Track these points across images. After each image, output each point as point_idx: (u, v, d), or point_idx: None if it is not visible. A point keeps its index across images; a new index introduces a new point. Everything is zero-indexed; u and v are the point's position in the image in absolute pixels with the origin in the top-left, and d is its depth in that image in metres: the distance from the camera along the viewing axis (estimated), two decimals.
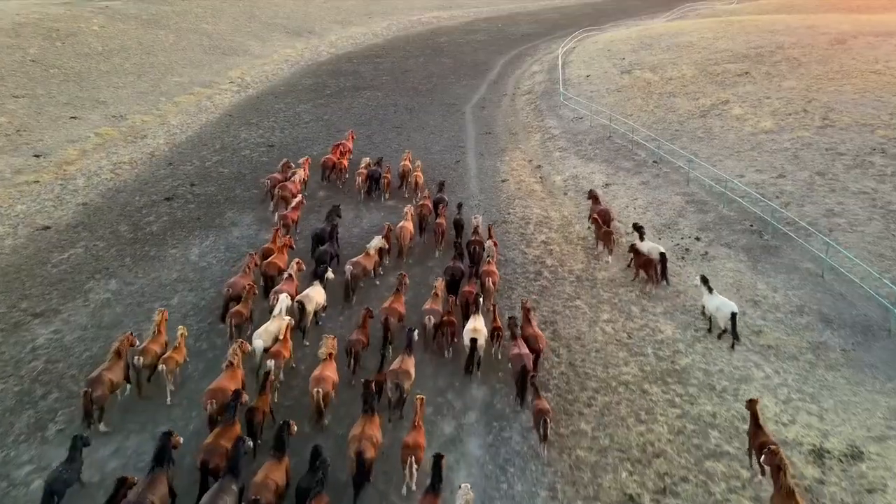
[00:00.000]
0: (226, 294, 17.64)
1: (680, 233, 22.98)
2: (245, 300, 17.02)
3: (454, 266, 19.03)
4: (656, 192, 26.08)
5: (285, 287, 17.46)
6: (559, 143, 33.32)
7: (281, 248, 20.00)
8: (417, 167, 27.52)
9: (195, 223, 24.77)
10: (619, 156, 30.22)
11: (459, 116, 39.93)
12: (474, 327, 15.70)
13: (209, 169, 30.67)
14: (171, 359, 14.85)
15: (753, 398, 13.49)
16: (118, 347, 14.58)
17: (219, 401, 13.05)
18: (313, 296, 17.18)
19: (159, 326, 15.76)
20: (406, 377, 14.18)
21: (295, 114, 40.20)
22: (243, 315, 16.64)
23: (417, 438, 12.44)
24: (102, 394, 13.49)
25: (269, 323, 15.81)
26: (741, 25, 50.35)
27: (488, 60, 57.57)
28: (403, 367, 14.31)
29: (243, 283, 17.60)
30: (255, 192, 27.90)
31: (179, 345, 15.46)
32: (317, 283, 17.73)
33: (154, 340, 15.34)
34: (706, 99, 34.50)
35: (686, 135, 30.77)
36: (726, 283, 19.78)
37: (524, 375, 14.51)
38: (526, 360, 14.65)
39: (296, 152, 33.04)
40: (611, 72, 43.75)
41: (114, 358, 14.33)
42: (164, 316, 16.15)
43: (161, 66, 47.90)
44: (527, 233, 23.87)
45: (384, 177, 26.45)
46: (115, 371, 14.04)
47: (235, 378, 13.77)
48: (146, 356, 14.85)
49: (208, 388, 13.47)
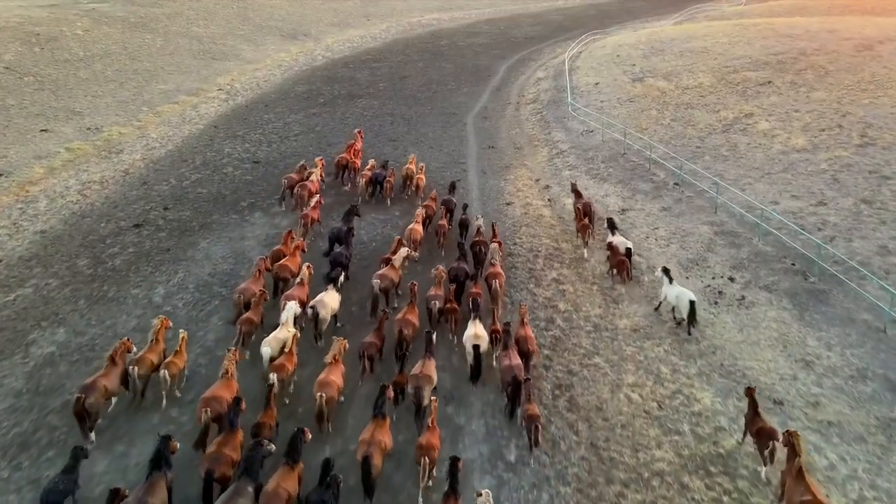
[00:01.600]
0: (237, 300, 17.06)
1: (710, 271, 20.06)
2: (255, 307, 16.50)
3: (458, 267, 18.46)
4: (680, 221, 23.15)
5: (296, 292, 16.97)
6: (568, 160, 30.39)
7: (293, 251, 19.35)
8: (420, 169, 26.93)
9: (164, 256, 21.90)
10: (636, 176, 27.28)
11: (460, 128, 37.01)
12: (475, 333, 15.24)
13: (186, 189, 27.77)
14: (171, 364, 14.31)
15: (751, 387, 13.66)
16: (113, 353, 14.07)
17: (213, 409, 12.71)
18: (328, 301, 16.56)
19: (158, 335, 15.07)
20: (427, 382, 13.77)
21: (285, 125, 37.28)
22: (253, 322, 16.09)
23: (431, 439, 12.20)
24: (96, 401, 13.05)
25: (277, 331, 15.32)
26: (757, 29, 47.34)
27: (490, 65, 54.60)
28: (425, 371, 13.92)
29: (254, 290, 17.04)
30: (235, 216, 25.05)
31: (180, 349, 14.79)
32: (330, 287, 17.19)
33: (151, 349, 14.69)
34: (728, 111, 31.54)
35: (708, 152, 27.81)
36: (770, 336, 16.87)
37: (516, 387, 13.96)
38: (517, 372, 14.08)
39: (282, 169, 30.17)
40: (621, 79, 40.76)
41: (109, 364, 13.85)
42: (165, 324, 15.48)
43: (146, 72, 44.99)
44: (536, 269, 20.96)
45: (387, 181, 25.57)
46: (110, 377, 13.58)
47: (230, 387, 13.43)
48: (142, 366, 14.22)
49: (202, 397, 13.10)
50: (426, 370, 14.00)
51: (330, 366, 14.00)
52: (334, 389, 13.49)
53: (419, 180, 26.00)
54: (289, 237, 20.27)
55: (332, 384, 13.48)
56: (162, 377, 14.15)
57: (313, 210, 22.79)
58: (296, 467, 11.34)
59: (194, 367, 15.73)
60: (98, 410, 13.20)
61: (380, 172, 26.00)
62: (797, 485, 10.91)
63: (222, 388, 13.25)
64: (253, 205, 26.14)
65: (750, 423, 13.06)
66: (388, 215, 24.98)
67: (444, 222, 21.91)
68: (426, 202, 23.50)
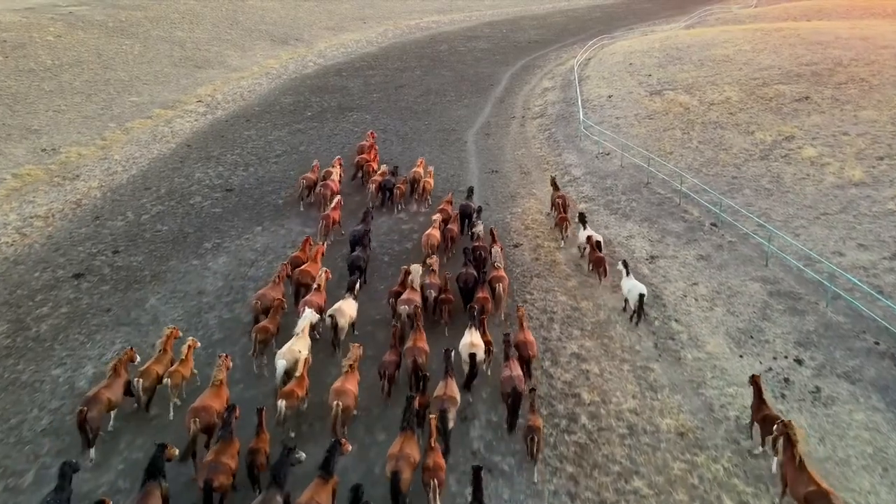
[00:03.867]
0: (254, 307, 16.35)
1: (770, 348, 15.96)
2: (272, 315, 15.77)
3: (467, 273, 17.59)
4: (723, 275, 19.04)
5: (313, 298, 16.36)
6: (583, 190, 26.26)
7: (314, 256, 18.69)
8: (429, 173, 26.04)
9: (102, 318, 17.86)
10: (664, 212, 23.16)
11: (460, 147, 32.91)
12: (472, 342, 14.52)
13: (144, 226, 23.70)
14: (176, 372, 13.80)
15: (755, 374, 13.33)
16: (116, 364, 13.57)
17: (202, 419, 12.28)
18: (345, 309, 15.88)
19: (165, 345, 14.48)
20: (452, 403, 12.96)
21: (266, 143, 33.18)
22: (269, 331, 15.35)
23: (436, 459, 11.53)
24: (98, 414, 12.59)
25: (292, 341, 14.54)
26: (781, 35, 43.13)
27: (493, 73, 50.42)
28: (448, 392, 13.09)
29: (273, 296, 16.34)
30: (195, 263, 21.02)
31: (186, 357, 14.26)
32: (348, 295, 16.57)
33: (157, 360, 14.12)
34: (763, 133, 27.41)
35: (748, 184, 23.70)
36: (862, 452, 12.79)
37: (515, 399, 13.37)
38: (517, 383, 13.39)
39: (257, 199, 26.18)
40: (637, 92, 36.60)
41: (112, 375, 13.35)
42: (174, 334, 14.87)
43: (119, 82, 40.85)
44: (551, 338, 16.89)
45: (397, 188, 24.44)
46: (113, 389, 13.09)
47: (220, 396, 12.91)
48: (147, 378, 13.63)
49: (191, 407, 12.55)
50: (449, 391, 13.10)
51: (346, 374, 13.44)
52: (350, 398, 12.94)
53: (426, 184, 25.07)
54: (307, 243, 19.68)
55: (348, 392, 12.93)
56: (166, 386, 13.64)
57: (334, 211, 21.98)
58: (330, 480, 10.86)
59: None
60: (99, 424, 12.67)
61: (390, 179, 24.79)
62: (800, 475, 10.74)
63: (211, 398, 12.68)
64: (218, 246, 22.10)
65: (755, 411, 12.89)
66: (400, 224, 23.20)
67: (455, 227, 21.20)
68: (441, 206, 22.64)
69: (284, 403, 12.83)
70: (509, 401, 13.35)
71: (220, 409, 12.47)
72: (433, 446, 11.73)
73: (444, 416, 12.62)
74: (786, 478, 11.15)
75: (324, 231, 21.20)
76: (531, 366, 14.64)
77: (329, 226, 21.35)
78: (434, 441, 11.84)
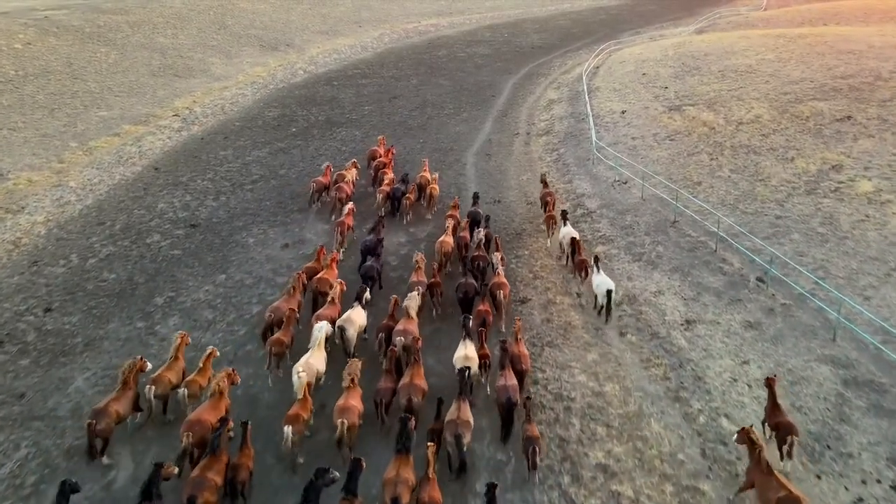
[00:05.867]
0: (268, 319, 15.78)
1: (855, 465, 12.21)
2: (286, 327, 15.21)
3: (466, 283, 17.10)
4: (780, 352, 15.29)
5: (327, 312, 15.86)
6: (599, 228, 22.50)
7: (330, 263, 18.23)
8: (434, 179, 24.88)
9: (11, 409, 14.19)
10: (698, 261, 19.40)
11: (458, 170, 29.16)
12: (465, 355, 13.95)
13: (88, 274, 20.02)
14: (193, 382, 13.38)
15: (771, 376, 12.81)
16: (126, 375, 13.06)
17: (196, 433, 11.85)
18: (355, 318, 15.51)
19: (177, 352, 14.04)
20: (466, 427, 12.03)
21: (242, 166, 29.45)
22: (283, 343, 14.80)
23: (433, 494, 10.75)
24: (107, 426, 12.24)
25: (309, 354, 13.99)
26: (806, 43, 39.32)
27: (494, 82, 46.59)
28: (462, 416, 12.14)
29: (286, 308, 15.74)
30: (140, 326, 17.34)
31: (205, 367, 13.74)
32: (357, 304, 16.08)
33: (169, 367, 13.70)
34: (805, 160, 23.66)
35: (795, 227, 19.95)
36: None
37: (510, 409, 12.81)
38: (512, 393, 12.84)
39: (224, 237, 22.51)
40: (653, 107, 32.82)
41: (122, 387, 12.90)
42: (185, 340, 14.45)
43: (88, 94, 37.11)
44: (569, 440, 13.19)
45: (406, 197, 23.32)
46: (122, 401, 12.67)
47: (218, 408, 12.42)
48: (159, 385, 13.26)
49: (186, 420, 12.19)
50: (463, 415, 12.28)
51: (348, 389, 12.93)
52: (355, 415, 12.45)
53: (433, 190, 24.02)
54: (321, 252, 19.10)
55: (352, 409, 12.46)
56: (181, 396, 13.28)
57: (347, 217, 21.40)
58: (354, 502, 10.49)
59: None
60: (109, 436, 12.42)
61: (399, 188, 23.67)
62: (768, 480, 10.46)
63: (208, 411, 12.29)
64: (171, 302, 18.42)
65: (770, 416, 12.41)
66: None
67: (466, 234, 20.38)
68: (450, 212, 21.80)
69: (291, 429, 12.13)
70: (503, 411, 12.94)
71: (216, 422, 11.97)
72: (430, 477, 11.04)
73: (460, 441, 11.84)
74: (752, 483, 10.91)
75: (339, 240, 20.59)
76: (524, 379, 14.13)
77: (344, 233, 20.78)
78: (432, 472, 11.16)
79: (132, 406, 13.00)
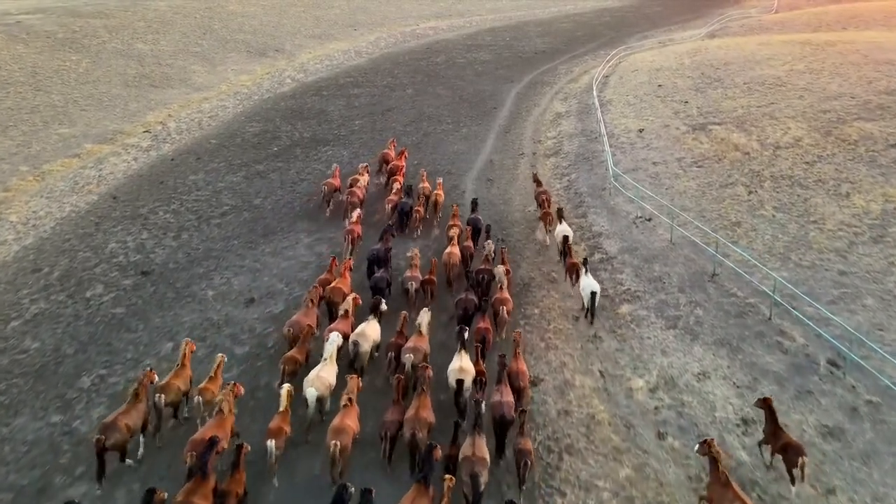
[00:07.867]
0: (286, 334, 15.01)
1: None
2: (301, 344, 14.52)
3: (466, 299, 16.09)
4: (877, 476, 11.50)
5: (340, 326, 15.08)
6: (623, 280, 18.68)
7: (343, 272, 17.51)
8: (438, 185, 24.11)
9: None
10: (748, 332, 15.60)
11: (456, 198, 25.31)
12: (460, 367, 13.44)
13: (6, 343, 16.29)
14: (207, 389, 12.93)
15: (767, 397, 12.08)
16: (137, 388, 12.39)
17: (199, 453, 11.10)
18: (369, 333, 14.74)
19: (184, 359, 13.56)
20: (482, 465, 11.05)
21: (213, 194, 25.71)
22: (297, 361, 14.07)
23: None
24: (117, 441, 11.65)
25: (319, 368, 13.42)
26: (836, 51, 35.55)
27: (495, 91, 42.78)
28: (478, 453, 11.17)
29: (304, 323, 15.02)
30: (56, 420, 13.64)
31: (216, 374, 13.35)
32: (371, 318, 15.32)
33: (177, 375, 13.18)
34: (863, 197, 19.90)
35: (866, 287, 16.17)
36: None
37: (503, 426, 12.33)
38: (506, 410, 12.35)
39: (179, 289, 18.86)
40: (674, 125, 29.05)
41: (132, 400, 12.21)
42: (191, 348, 13.96)
43: (50, 108, 33.38)
44: None
45: (416, 210, 22.08)
46: (132, 415, 12.04)
47: (223, 426, 11.83)
48: (168, 393, 12.75)
49: (190, 439, 11.52)
50: (479, 451, 11.18)
51: (345, 408, 12.16)
52: (349, 437, 11.65)
53: (438, 197, 23.34)
54: (333, 263, 18.41)
55: (346, 430, 11.66)
56: (196, 403, 12.77)
57: (356, 224, 20.79)
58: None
59: None
60: (124, 448, 11.74)
61: (406, 202, 22.34)
62: (725, 492, 10.20)
63: (213, 430, 11.49)
64: (100, 384, 14.74)
65: (772, 438, 11.54)
66: None
67: (470, 243, 19.81)
68: (451, 222, 20.91)
69: (273, 443, 11.62)
70: (497, 427, 12.40)
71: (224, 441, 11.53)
72: None
73: (477, 480, 10.92)
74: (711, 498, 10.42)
75: (349, 249, 19.90)
76: (523, 398, 13.45)
77: (354, 240, 20.14)
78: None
79: (143, 420, 12.31)
